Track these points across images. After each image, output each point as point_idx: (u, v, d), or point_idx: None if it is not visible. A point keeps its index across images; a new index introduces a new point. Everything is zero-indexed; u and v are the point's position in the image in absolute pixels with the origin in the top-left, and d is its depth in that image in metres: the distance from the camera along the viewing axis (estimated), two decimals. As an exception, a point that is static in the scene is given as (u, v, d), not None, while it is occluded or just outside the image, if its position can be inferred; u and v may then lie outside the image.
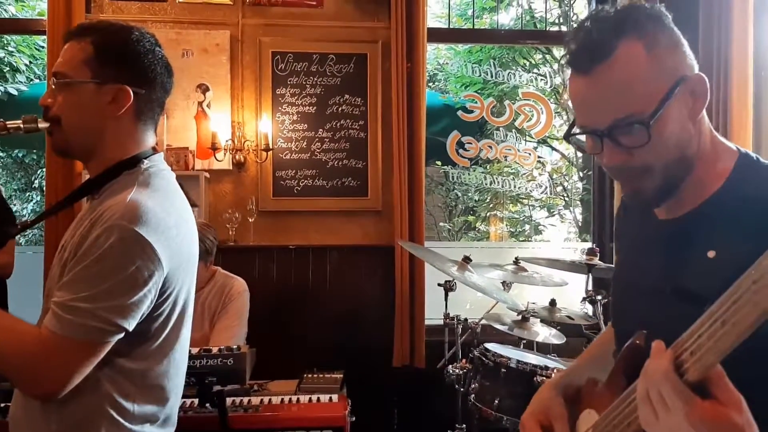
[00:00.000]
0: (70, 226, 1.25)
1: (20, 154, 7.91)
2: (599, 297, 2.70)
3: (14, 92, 5.82)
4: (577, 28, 0.95)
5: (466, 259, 2.69)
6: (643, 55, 0.89)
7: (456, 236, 8.63)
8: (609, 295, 2.23)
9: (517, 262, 2.89)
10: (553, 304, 2.73)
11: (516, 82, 4.05)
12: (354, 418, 2.24)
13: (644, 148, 0.89)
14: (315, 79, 3.53)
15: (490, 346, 2.56)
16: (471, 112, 3.82)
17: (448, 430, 2.75)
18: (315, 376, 2.53)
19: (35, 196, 8.02)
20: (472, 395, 2.45)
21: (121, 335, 1.11)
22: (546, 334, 2.64)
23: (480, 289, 2.56)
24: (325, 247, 3.51)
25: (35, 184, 8.03)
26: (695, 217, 0.95)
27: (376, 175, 3.54)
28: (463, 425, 2.72)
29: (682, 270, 0.94)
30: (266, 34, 3.51)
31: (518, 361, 2.36)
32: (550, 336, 2.64)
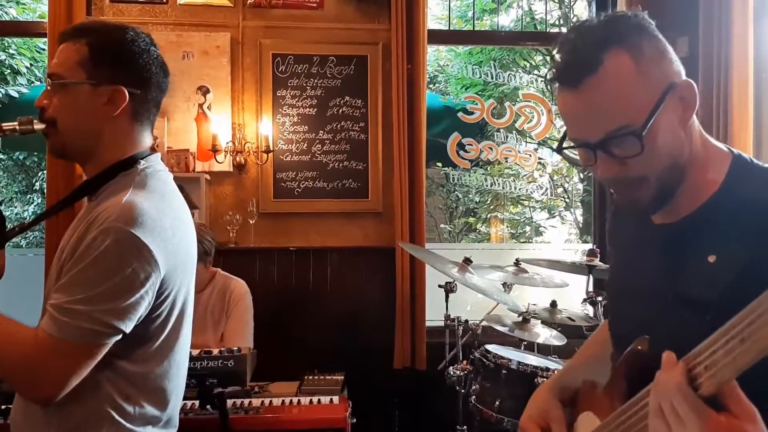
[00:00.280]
0: (68, 228, 1.24)
1: (21, 156, 7.91)
2: (600, 298, 2.71)
3: (15, 95, 5.83)
4: (561, 42, 0.94)
5: (467, 261, 2.69)
6: (631, 66, 0.88)
7: (457, 238, 8.64)
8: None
9: (517, 263, 2.89)
10: (553, 305, 2.73)
11: (516, 84, 4.05)
12: (355, 419, 2.24)
13: (638, 158, 0.89)
14: (315, 81, 3.53)
15: (490, 347, 2.56)
16: (471, 113, 3.82)
17: (449, 432, 2.75)
18: (316, 378, 2.54)
19: (36, 198, 8.03)
20: (473, 397, 2.45)
21: (118, 337, 1.11)
22: (547, 335, 2.64)
23: (481, 291, 2.56)
24: (325, 249, 3.51)
25: (36, 186, 8.03)
26: (693, 222, 0.95)
27: (377, 177, 3.54)
28: (464, 427, 2.71)
29: (683, 275, 0.93)
30: (267, 36, 3.52)
31: (519, 363, 2.36)
32: (551, 337, 2.63)
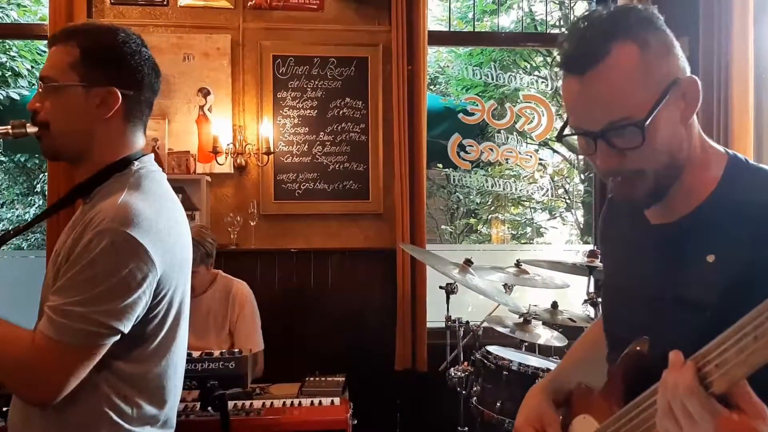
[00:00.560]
0: (64, 230, 1.24)
1: (22, 159, 7.91)
2: (600, 299, 2.70)
3: (16, 97, 5.82)
4: (570, 29, 0.95)
5: (468, 262, 2.69)
6: (637, 58, 0.89)
7: (457, 239, 8.63)
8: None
9: (518, 264, 2.89)
10: (554, 306, 2.73)
11: (517, 85, 4.06)
12: (356, 421, 2.24)
13: (637, 150, 0.89)
14: (316, 83, 3.54)
15: (491, 348, 2.56)
16: (472, 114, 3.82)
17: (450, 433, 2.75)
18: (317, 380, 2.53)
19: (37, 200, 8.03)
20: (474, 398, 2.45)
21: (116, 338, 1.11)
22: (548, 336, 2.63)
23: (481, 292, 2.56)
24: (326, 251, 3.51)
25: (37, 188, 8.04)
26: (691, 222, 0.95)
27: (378, 178, 3.54)
28: (465, 428, 2.71)
29: (681, 275, 0.93)
30: (267, 37, 3.52)
31: (520, 364, 2.36)
32: (552, 338, 2.63)
